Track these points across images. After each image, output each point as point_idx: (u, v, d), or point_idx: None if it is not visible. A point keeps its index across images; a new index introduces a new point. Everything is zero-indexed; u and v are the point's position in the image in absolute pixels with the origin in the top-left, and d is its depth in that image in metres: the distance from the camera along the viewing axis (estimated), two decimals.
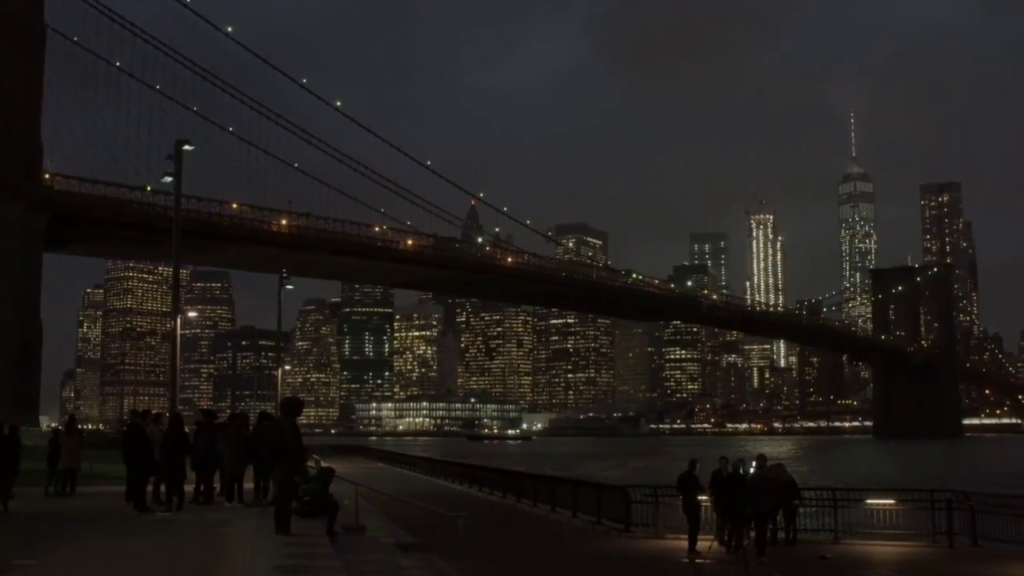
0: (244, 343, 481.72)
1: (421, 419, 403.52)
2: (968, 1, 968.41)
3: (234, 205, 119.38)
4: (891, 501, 27.44)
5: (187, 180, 40.07)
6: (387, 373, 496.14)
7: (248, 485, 25.93)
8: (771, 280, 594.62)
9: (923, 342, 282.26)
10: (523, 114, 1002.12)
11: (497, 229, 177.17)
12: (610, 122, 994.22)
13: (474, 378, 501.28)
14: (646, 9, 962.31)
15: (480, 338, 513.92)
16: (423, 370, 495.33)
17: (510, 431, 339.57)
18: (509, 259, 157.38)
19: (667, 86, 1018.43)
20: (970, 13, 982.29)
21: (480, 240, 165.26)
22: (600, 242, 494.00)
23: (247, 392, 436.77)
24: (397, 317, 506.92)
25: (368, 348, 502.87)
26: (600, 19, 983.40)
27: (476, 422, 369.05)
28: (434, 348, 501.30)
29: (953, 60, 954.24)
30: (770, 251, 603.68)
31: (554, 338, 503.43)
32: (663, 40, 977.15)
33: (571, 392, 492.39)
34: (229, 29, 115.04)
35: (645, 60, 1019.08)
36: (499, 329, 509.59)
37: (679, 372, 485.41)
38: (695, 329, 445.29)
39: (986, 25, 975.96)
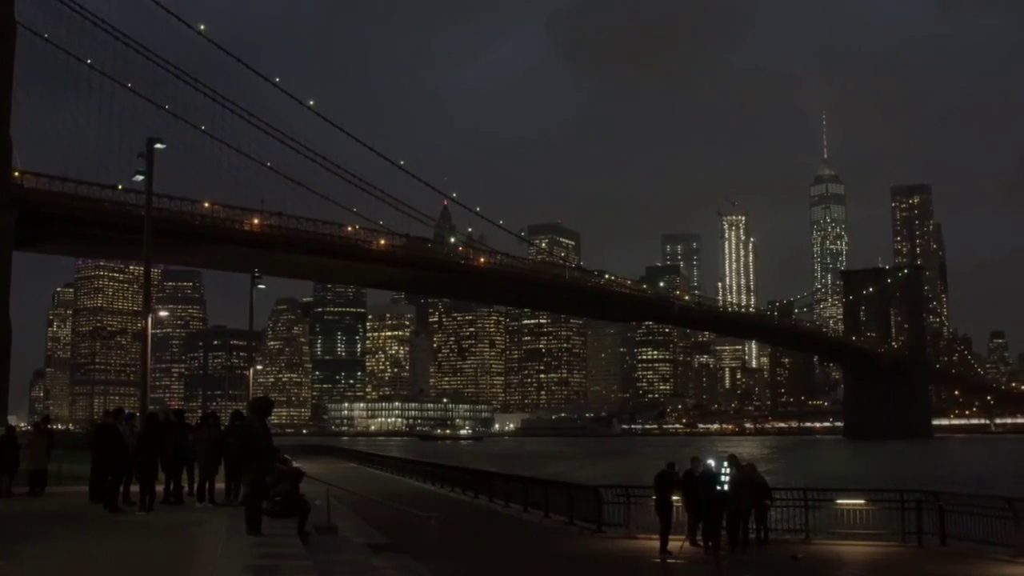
0: (215, 343, 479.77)
1: (393, 419, 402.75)
2: (940, 5, 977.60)
3: (206, 204, 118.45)
4: (861, 501, 27.51)
5: (159, 179, 39.82)
6: (359, 373, 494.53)
7: (219, 485, 25.80)
8: (743, 281, 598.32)
9: (893, 343, 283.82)
10: (496, 114, 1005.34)
11: (470, 229, 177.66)
12: (581, 122, 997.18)
13: (446, 378, 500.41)
14: (614, 7, 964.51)
15: (452, 338, 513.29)
16: (395, 370, 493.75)
17: (461, 431, 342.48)
18: (482, 259, 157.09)
19: (639, 85, 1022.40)
20: (942, 17, 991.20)
21: (453, 240, 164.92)
22: (572, 242, 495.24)
23: (218, 392, 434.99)
24: (369, 317, 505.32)
25: (340, 348, 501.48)
26: (565, 18, 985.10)
27: (448, 422, 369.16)
28: (406, 348, 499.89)
29: (925, 63, 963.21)
30: (742, 252, 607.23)
31: (526, 338, 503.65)
32: (635, 39, 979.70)
33: (543, 392, 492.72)
34: (202, 27, 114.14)
35: (615, 60, 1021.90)
36: (471, 329, 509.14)
37: (651, 372, 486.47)
38: (667, 330, 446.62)
39: (957, 29, 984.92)
